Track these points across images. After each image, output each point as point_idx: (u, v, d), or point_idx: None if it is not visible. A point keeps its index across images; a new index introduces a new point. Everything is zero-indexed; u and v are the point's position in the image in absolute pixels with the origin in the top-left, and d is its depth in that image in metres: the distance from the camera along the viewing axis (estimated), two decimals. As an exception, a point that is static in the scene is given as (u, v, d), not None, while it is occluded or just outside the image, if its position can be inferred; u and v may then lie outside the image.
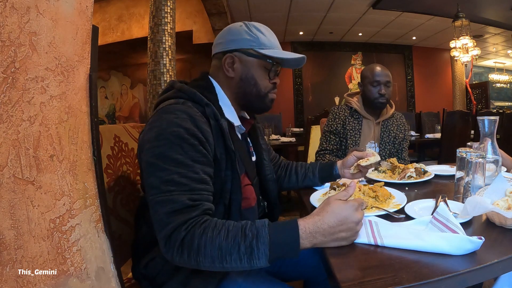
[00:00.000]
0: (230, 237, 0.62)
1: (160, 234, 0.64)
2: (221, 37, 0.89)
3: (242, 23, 0.88)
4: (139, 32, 5.04)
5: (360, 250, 0.63)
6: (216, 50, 0.90)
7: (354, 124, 1.63)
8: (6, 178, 0.44)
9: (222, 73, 0.87)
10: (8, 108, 0.45)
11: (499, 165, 0.95)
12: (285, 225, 0.64)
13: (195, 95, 0.78)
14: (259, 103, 0.89)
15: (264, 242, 0.61)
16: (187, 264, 0.63)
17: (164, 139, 0.68)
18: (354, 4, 4.97)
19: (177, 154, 0.67)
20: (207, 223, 0.64)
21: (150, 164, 0.68)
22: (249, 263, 0.61)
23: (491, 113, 3.69)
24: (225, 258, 0.61)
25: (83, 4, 0.60)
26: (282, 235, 0.62)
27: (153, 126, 0.72)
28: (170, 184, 0.65)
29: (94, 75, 0.63)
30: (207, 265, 0.62)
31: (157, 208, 0.65)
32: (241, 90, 0.87)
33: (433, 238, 0.60)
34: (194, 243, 0.61)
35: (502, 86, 7.69)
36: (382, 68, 1.61)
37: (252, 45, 0.85)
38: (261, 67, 0.86)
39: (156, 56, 2.19)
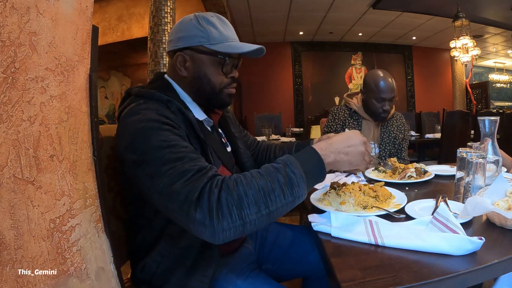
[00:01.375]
0: (264, 175, 0.60)
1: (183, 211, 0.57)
2: (172, 34, 0.86)
3: (193, 16, 0.84)
4: (139, 32, 5.04)
5: (360, 250, 0.63)
6: (168, 48, 0.87)
7: (354, 125, 1.63)
8: (6, 178, 0.44)
9: (176, 73, 0.84)
10: (8, 108, 0.45)
11: (499, 166, 0.95)
12: (303, 152, 0.67)
13: (154, 94, 0.76)
14: (216, 100, 0.85)
15: (296, 166, 0.61)
16: (230, 227, 0.56)
17: (139, 137, 0.66)
18: (354, 4, 4.98)
19: (158, 141, 0.64)
20: (234, 177, 0.60)
21: (138, 163, 0.64)
22: (292, 194, 0.59)
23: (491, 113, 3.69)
24: (269, 197, 0.58)
25: (83, 4, 0.60)
26: (307, 158, 0.64)
27: (123, 133, 0.70)
28: (168, 163, 0.61)
29: (94, 75, 0.63)
30: (253, 217, 0.57)
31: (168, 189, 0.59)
32: (196, 89, 0.84)
33: (433, 238, 0.60)
34: (233, 196, 0.57)
35: (502, 86, 7.69)
36: (387, 82, 1.54)
37: (202, 41, 0.80)
38: (213, 64, 0.82)
39: (156, 56, 2.19)
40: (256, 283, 0.79)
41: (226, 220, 0.56)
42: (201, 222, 0.56)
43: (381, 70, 1.60)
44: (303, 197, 0.62)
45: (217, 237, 0.57)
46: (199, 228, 0.57)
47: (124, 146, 0.68)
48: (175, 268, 0.73)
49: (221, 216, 0.55)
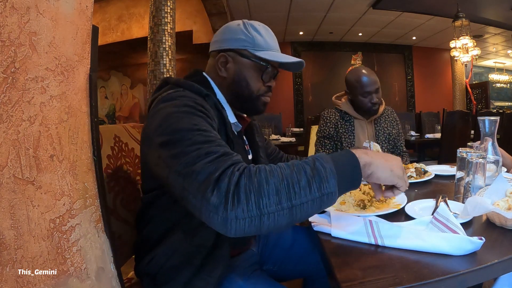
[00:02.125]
0: (291, 165, 0.55)
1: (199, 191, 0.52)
2: (218, 35, 0.88)
3: (241, 22, 0.86)
4: (139, 32, 5.04)
5: (360, 250, 0.63)
6: (211, 48, 0.89)
7: (347, 126, 1.61)
8: (6, 178, 0.44)
9: (215, 73, 0.86)
10: (8, 108, 0.45)
11: (499, 166, 0.95)
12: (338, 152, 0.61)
13: (193, 86, 0.76)
14: (251, 105, 0.86)
15: (327, 161, 0.55)
16: (245, 216, 0.50)
17: (173, 118, 0.64)
18: (354, 4, 4.97)
19: (190, 124, 0.62)
20: (258, 165, 0.56)
21: (166, 143, 0.61)
22: (319, 190, 0.52)
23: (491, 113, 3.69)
24: (294, 188, 0.52)
25: (83, 4, 0.60)
26: (339, 155, 0.58)
27: (156, 115, 0.68)
28: (196, 144, 0.58)
29: (94, 75, 0.63)
30: (272, 208, 0.51)
31: (188, 168, 0.55)
32: (233, 91, 0.85)
33: (433, 238, 0.60)
34: (253, 182, 0.51)
35: (502, 86, 7.69)
36: (369, 74, 1.54)
37: (246, 45, 0.82)
38: (254, 69, 0.83)
39: (156, 56, 2.19)
40: (257, 283, 0.79)
41: (241, 207, 0.50)
42: (215, 206, 0.50)
43: (360, 67, 1.61)
44: (333, 196, 0.54)
45: (229, 226, 0.51)
46: (211, 214, 0.51)
47: (154, 128, 0.65)
48: (183, 266, 0.72)
49: (237, 201, 0.50)
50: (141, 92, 7.29)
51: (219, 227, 0.52)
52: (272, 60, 0.83)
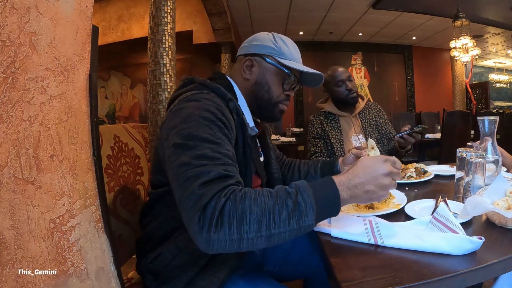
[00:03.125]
0: (275, 196, 0.58)
1: (190, 210, 0.56)
2: (247, 41, 0.93)
3: (270, 33, 0.92)
4: (139, 32, 5.04)
5: (360, 250, 0.63)
6: (239, 52, 0.93)
7: (332, 124, 1.68)
8: (6, 178, 0.44)
9: (240, 75, 0.89)
10: (8, 108, 0.45)
11: (499, 165, 0.95)
12: (321, 182, 0.62)
13: (219, 89, 0.78)
14: (269, 110, 0.90)
15: (309, 195, 0.58)
16: (226, 238, 0.55)
17: (192, 121, 0.67)
18: (354, 4, 4.97)
19: (206, 133, 0.65)
20: (245, 190, 0.59)
21: (178, 145, 0.64)
22: (298, 223, 0.56)
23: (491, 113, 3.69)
24: (274, 219, 0.55)
25: (83, 4, 0.60)
26: (322, 189, 0.60)
27: (177, 113, 0.70)
28: (202, 158, 0.61)
29: (94, 75, 0.63)
30: (252, 234, 0.55)
31: (188, 183, 0.58)
32: (254, 94, 0.88)
33: (433, 238, 0.60)
34: (237, 209, 0.55)
35: (502, 86, 7.70)
36: (337, 67, 1.69)
37: (273, 52, 0.88)
38: (277, 75, 0.88)
39: (156, 56, 2.19)
40: (259, 284, 0.79)
41: (223, 231, 0.54)
42: (200, 228, 0.55)
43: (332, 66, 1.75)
44: (310, 228, 0.58)
45: (210, 246, 0.55)
46: (196, 234, 0.55)
47: (173, 125, 0.68)
48: (189, 265, 0.73)
49: (220, 225, 0.54)
50: (141, 92, 7.29)
51: (202, 246, 0.56)
52: (294, 69, 0.88)
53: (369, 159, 0.66)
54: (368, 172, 0.63)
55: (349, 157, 1.07)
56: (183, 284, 0.72)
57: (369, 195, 0.63)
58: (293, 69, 0.88)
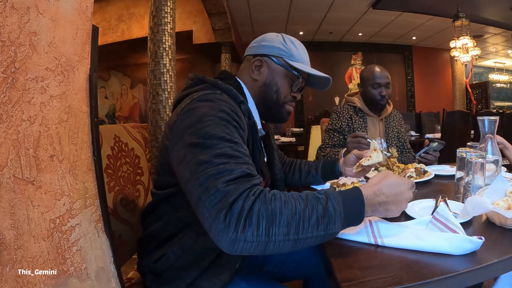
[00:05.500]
0: (305, 200, 0.56)
1: (214, 208, 0.53)
2: (255, 42, 0.93)
3: (279, 34, 0.92)
4: (139, 32, 5.04)
5: (360, 250, 0.63)
6: (247, 52, 0.93)
7: (360, 122, 1.67)
8: (6, 178, 0.44)
9: (248, 75, 0.89)
10: (8, 108, 0.45)
11: (499, 165, 0.95)
12: (350, 193, 0.62)
13: (232, 91, 0.77)
14: (276, 111, 0.90)
15: (338, 203, 0.57)
16: (253, 240, 0.52)
17: (208, 120, 0.65)
18: (354, 4, 4.98)
19: (223, 133, 0.63)
20: (273, 191, 0.57)
21: (195, 145, 0.62)
22: (325, 229, 0.55)
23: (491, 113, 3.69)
24: (303, 224, 0.54)
25: (83, 4, 0.60)
26: (351, 199, 0.60)
27: (191, 112, 0.68)
28: (223, 156, 0.59)
29: (94, 75, 0.63)
30: (280, 237, 0.53)
31: (210, 181, 0.56)
32: (262, 95, 0.88)
33: (433, 238, 0.60)
34: (267, 209, 0.53)
35: (502, 86, 7.70)
36: (381, 70, 1.65)
37: (282, 54, 0.88)
38: (286, 76, 0.88)
39: (156, 56, 2.19)
40: (260, 284, 0.79)
41: (251, 231, 0.52)
42: (226, 226, 0.52)
43: (376, 65, 1.71)
44: (335, 235, 0.58)
45: (235, 246, 0.53)
46: (220, 233, 0.52)
47: (187, 125, 0.66)
48: (192, 266, 0.72)
49: (248, 225, 0.52)
50: (141, 92, 7.30)
51: (226, 246, 0.53)
52: (303, 71, 0.88)
53: (398, 180, 0.66)
54: (395, 194, 0.64)
55: (350, 158, 1.07)
56: (185, 285, 0.72)
57: (387, 213, 0.64)
58: (302, 72, 0.88)
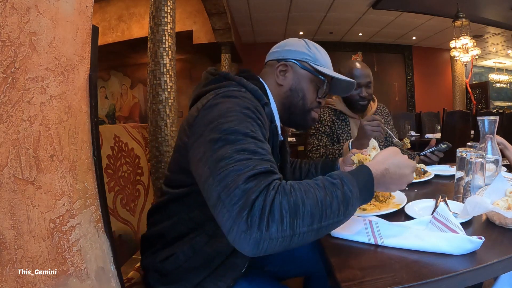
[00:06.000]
0: (322, 187, 0.55)
1: (234, 208, 0.50)
2: (278, 46, 0.91)
3: (301, 39, 0.90)
4: (139, 32, 5.04)
5: (360, 250, 0.63)
6: (270, 57, 0.91)
7: (343, 125, 1.57)
8: (6, 178, 0.44)
9: (272, 80, 0.86)
10: (8, 108, 0.45)
11: (499, 165, 0.95)
12: (360, 172, 0.62)
13: (257, 91, 0.75)
14: (301, 117, 0.88)
15: (353, 185, 0.57)
16: (278, 236, 0.50)
17: (232, 116, 0.62)
18: (354, 4, 4.98)
19: (247, 129, 0.60)
20: (290, 182, 0.56)
21: (217, 139, 0.58)
22: (344, 213, 0.55)
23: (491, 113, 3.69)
24: (326, 211, 0.53)
25: (83, 4, 0.60)
26: (362, 179, 0.60)
27: (214, 108, 0.65)
28: (246, 152, 0.56)
29: (94, 75, 0.63)
30: (304, 229, 0.51)
31: (231, 177, 0.53)
32: (288, 100, 0.86)
33: (433, 238, 0.60)
34: (289, 201, 0.51)
35: (502, 86, 7.70)
36: (362, 67, 1.50)
37: (308, 59, 0.86)
38: (312, 82, 0.87)
39: (156, 56, 2.19)
40: (261, 284, 0.79)
41: (275, 227, 0.49)
42: (248, 227, 0.49)
43: (355, 60, 1.58)
44: (351, 216, 0.58)
45: (260, 246, 0.50)
46: (242, 234, 0.49)
47: (209, 120, 0.63)
48: (201, 268, 0.71)
49: (271, 221, 0.49)
50: (141, 92, 7.29)
51: (249, 248, 0.50)
52: (328, 75, 0.87)
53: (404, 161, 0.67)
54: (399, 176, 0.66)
55: (349, 157, 1.07)
56: (191, 286, 0.71)
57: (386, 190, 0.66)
58: (327, 76, 0.87)
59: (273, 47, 0.92)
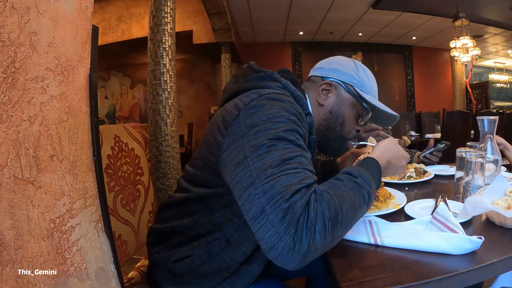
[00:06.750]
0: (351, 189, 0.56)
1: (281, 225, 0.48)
2: (325, 63, 0.86)
3: (351, 60, 0.85)
4: (139, 32, 5.04)
5: (360, 250, 0.63)
6: (315, 73, 0.86)
7: None
8: (6, 178, 0.44)
9: (313, 97, 0.81)
10: (8, 108, 0.45)
11: (498, 165, 0.95)
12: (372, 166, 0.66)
13: (302, 99, 0.71)
14: (336, 144, 0.83)
15: (372, 182, 0.61)
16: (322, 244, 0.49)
17: (280, 122, 0.59)
18: (354, 4, 4.98)
19: (294, 137, 0.58)
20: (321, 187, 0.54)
21: (262, 145, 0.55)
22: (367, 207, 0.59)
23: (491, 113, 3.70)
24: (358, 213, 0.56)
25: (83, 4, 0.60)
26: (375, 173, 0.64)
27: (259, 109, 0.61)
28: (293, 162, 0.54)
29: (94, 75, 0.63)
30: (340, 233, 0.52)
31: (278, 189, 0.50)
32: (326, 123, 0.81)
33: (433, 237, 0.60)
34: (329, 209, 0.50)
35: (502, 86, 7.70)
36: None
37: (354, 82, 0.81)
38: (353, 107, 0.82)
39: (156, 56, 2.19)
40: (264, 284, 0.79)
41: (319, 237, 0.48)
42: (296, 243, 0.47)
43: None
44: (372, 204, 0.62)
45: (306, 260, 0.49)
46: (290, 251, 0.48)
47: (253, 123, 0.59)
48: (215, 274, 0.69)
49: (316, 232, 0.48)
50: (141, 92, 7.30)
51: (296, 264, 0.49)
52: (373, 104, 0.81)
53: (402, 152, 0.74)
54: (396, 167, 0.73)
55: (348, 156, 1.07)
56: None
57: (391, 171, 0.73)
58: (371, 105, 0.82)
59: (319, 62, 0.87)
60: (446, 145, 1.28)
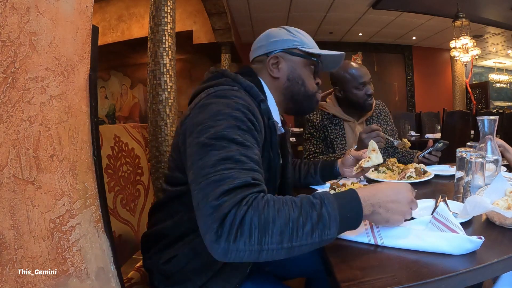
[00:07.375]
0: (299, 207, 0.54)
1: (209, 219, 0.52)
2: (261, 41, 0.89)
3: (280, 27, 0.89)
4: (139, 32, 5.04)
5: (360, 250, 0.63)
6: (256, 53, 0.89)
7: (336, 130, 1.51)
8: (6, 178, 0.44)
9: (266, 75, 0.85)
10: (8, 108, 0.45)
11: (499, 165, 0.95)
12: (345, 194, 0.59)
13: (252, 88, 0.75)
14: (307, 104, 0.88)
15: (334, 208, 0.55)
16: (246, 249, 0.51)
17: (220, 120, 0.62)
18: (354, 4, 4.98)
19: (235, 134, 0.60)
20: (267, 197, 0.55)
21: (203, 144, 0.59)
22: (320, 236, 0.54)
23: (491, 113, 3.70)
24: (297, 232, 0.52)
25: (83, 4, 0.60)
26: (346, 202, 0.58)
27: (204, 108, 0.65)
28: (229, 162, 0.57)
29: (94, 75, 0.63)
30: (273, 246, 0.52)
31: (210, 188, 0.54)
32: (289, 91, 0.86)
33: (432, 238, 0.60)
34: (259, 218, 0.51)
35: (502, 86, 7.70)
36: (359, 66, 1.47)
37: (296, 44, 0.85)
38: (306, 66, 0.86)
39: (156, 56, 2.19)
40: (263, 284, 0.79)
41: (243, 241, 0.51)
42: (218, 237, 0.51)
43: (349, 62, 1.50)
44: (331, 241, 0.56)
45: (228, 256, 0.52)
46: (213, 244, 0.52)
47: (199, 121, 0.63)
48: (203, 269, 0.71)
49: (240, 235, 0.51)
50: (141, 92, 7.30)
51: (218, 256, 0.53)
52: (319, 54, 0.86)
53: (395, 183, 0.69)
54: (394, 193, 0.62)
55: (348, 158, 1.07)
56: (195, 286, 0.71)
57: (389, 215, 0.61)
58: (319, 55, 0.87)
59: (255, 43, 0.91)
60: (444, 144, 1.27)
